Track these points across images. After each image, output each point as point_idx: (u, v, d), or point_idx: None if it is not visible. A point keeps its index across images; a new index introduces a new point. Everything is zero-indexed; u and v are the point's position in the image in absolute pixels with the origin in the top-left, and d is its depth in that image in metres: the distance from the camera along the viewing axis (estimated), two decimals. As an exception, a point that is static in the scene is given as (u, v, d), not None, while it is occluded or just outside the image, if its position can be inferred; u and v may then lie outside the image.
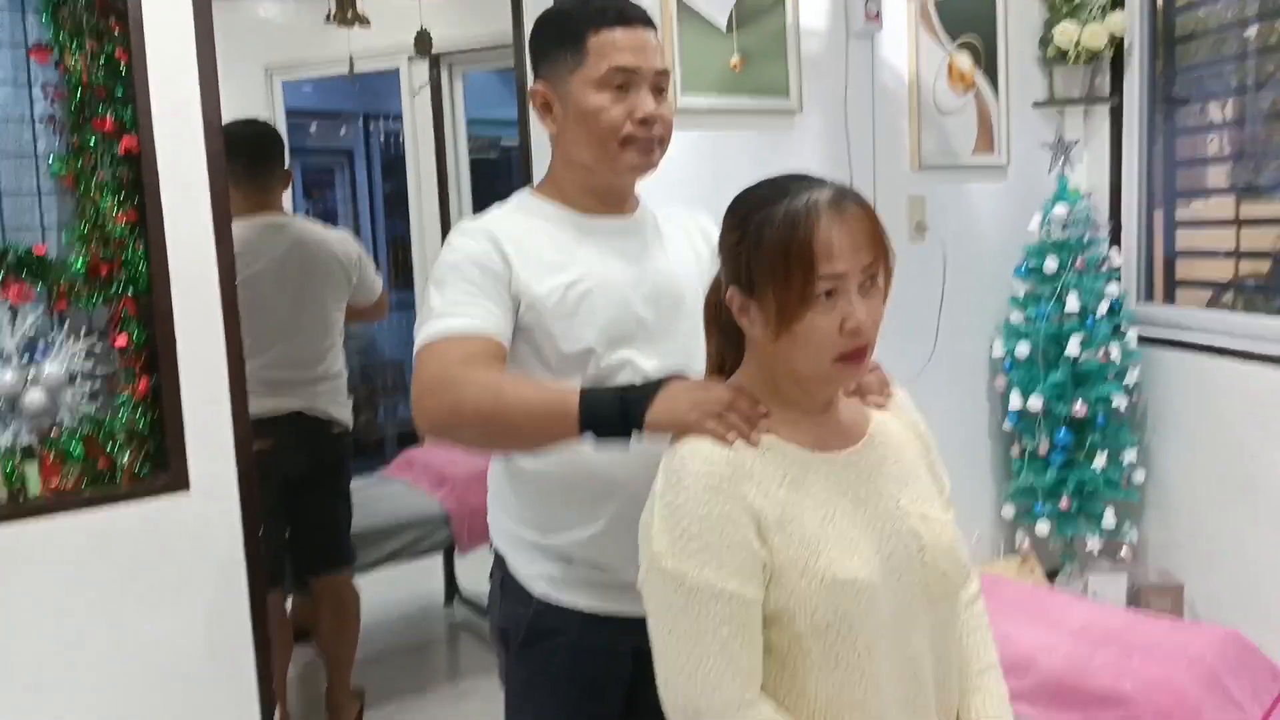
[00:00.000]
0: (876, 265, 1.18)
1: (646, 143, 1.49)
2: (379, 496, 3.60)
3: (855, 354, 1.18)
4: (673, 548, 1.13)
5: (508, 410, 1.32)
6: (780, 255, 1.15)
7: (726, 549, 1.12)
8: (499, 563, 1.61)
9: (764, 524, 1.15)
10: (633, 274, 1.51)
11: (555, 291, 1.45)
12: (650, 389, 1.25)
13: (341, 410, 3.02)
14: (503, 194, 1.61)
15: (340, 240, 3.07)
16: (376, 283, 3.16)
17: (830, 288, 1.15)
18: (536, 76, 1.53)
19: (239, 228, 2.82)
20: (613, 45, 1.46)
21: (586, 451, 1.36)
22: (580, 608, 1.51)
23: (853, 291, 1.16)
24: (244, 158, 2.85)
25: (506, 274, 1.44)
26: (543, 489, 1.51)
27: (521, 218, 1.52)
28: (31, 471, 1.90)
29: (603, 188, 1.54)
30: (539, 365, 1.47)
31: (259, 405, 2.81)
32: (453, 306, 1.41)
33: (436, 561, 3.95)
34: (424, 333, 1.41)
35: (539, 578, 1.53)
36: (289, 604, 3.21)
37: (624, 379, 1.47)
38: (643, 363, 1.48)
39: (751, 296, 1.19)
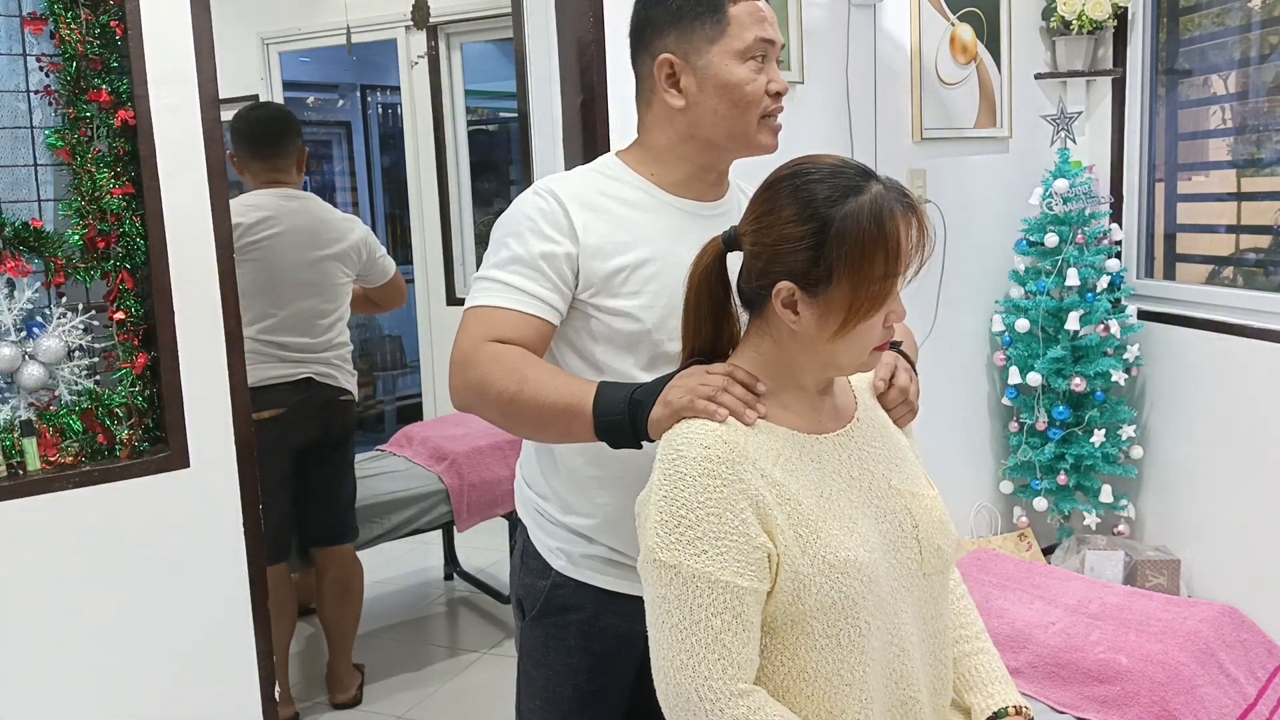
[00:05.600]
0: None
1: (776, 119, 1.46)
2: (378, 472, 3.60)
3: (887, 343, 1.24)
4: (668, 539, 1.13)
5: (526, 401, 1.32)
6: (870, 254, 1.15)
7: (724, 538, 1.12)
8: (521, 532, 1.61)
9: (764, 508, 1.15)
10: None
11: (618, 270, 1.42)
12: (655, 391, 1.25)
13: (349, 379, 3.06)
14: (501, 167, 1.58)
15: (348, 219, 3.11)
16: (388, 262, 3.20)
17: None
18: (653, 49, 1.46)
19: (258, 196, 2.91)
20: (752, 16, 1.42)
21: None
22: (596, 584, 1.52)
23: (900, 287, 1.20)
24: (260, 139, 2.94)
25: (572, 247, 1.41)
26: (565, 467, 1.50)
27: (603, 184, 1.48)
28: (30, 446, 1.90)
29: (708, 166, 1.49)
30: (590, 339, 1.45)
31: (271, 371, 2.85)
32: (508, 276, 1.39)
33: (435, 537, 3.96)
34: (474, 295, 1.40)
35: (557, 552, 1.54)
36: (294, 577, 3.23)
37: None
38: None
39: (813, 292, 1.17)
